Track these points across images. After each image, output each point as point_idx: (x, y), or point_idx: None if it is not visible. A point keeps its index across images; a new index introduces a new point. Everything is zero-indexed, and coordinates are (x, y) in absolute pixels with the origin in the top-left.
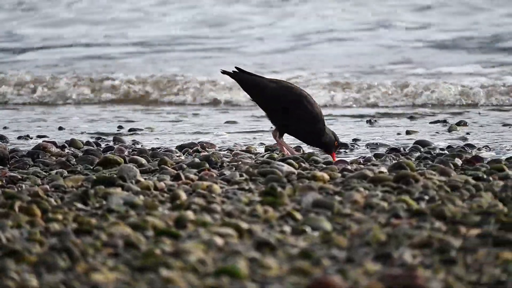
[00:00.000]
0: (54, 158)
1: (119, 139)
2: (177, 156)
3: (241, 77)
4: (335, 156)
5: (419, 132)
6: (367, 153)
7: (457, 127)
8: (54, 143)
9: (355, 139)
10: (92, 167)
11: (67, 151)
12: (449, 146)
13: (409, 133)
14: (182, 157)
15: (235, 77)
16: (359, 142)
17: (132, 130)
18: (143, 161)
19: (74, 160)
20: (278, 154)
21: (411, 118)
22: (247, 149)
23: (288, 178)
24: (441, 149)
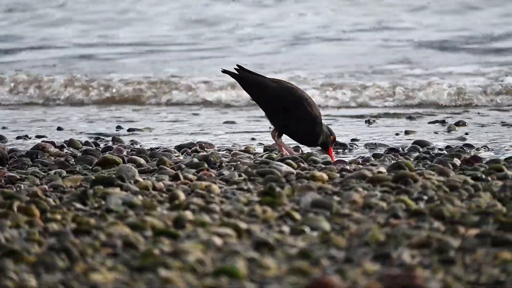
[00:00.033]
0: (53, 158)
1: (118, 139)
2: (176, 156)
3: (243, 75)
4: (334, 156)
5: (418, 132)
6: (366, 153)
7: (456, 127)
8: (53, 143)
9: (353, 139)
10: (91, 167)
11: (66, 151)
12: (448, 146)
13: (407, 133)
14: (181, 157)
15: (237, 75)
16: (358, 142)
17: (131, 130)
18: (142, 161)
19: (73, 160)
20: (277, 154)
21: (409, 118)
22: (246, 149)
23: (287, 178)
24: (440, 149)
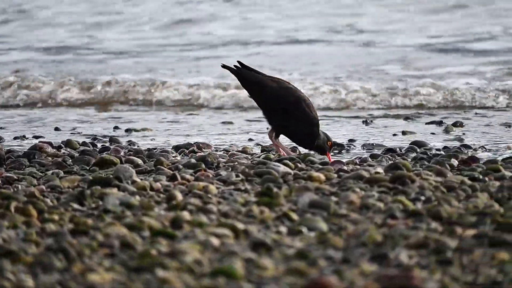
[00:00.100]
0: (50, 158)
1: (115, 139)
2: (173, 156)
3: (242, 72)
4: (331, 157)
5: (415, 133)
6: (363, 153)
7: (453, 128)
8: (50, 143)
9: (351, 140)
10: (88, 168)
11: (63, 151)
12: (445, 146)
13: (405, 133)
14: (178, 157)
15: (236, 72)
16: (355, 142)
17: (128, 131)
18: (139, 161)
19: (70, 160)
20: (274, 154)
21: (407, 119)
22: (243, 150)
23: (284, 179)
24: (437, 149)
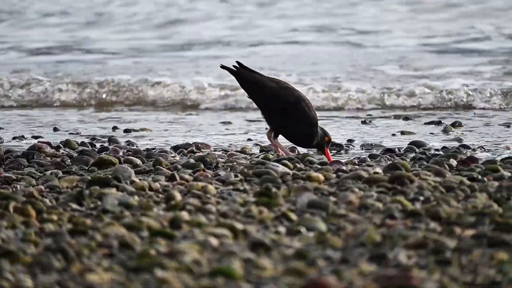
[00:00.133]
0: (49, 158)
1: (114, 139)
2: (172, 156)
3: (241, 72)
4: (330, 156)
5: (414, 133)
6: (362, 153)
7: (452, 128)
8: (49, 143)
9: (350, 140)
10: (87, 168)
11: (62, 151)
12: (444, 146)
13: (404, 133)
14: (177, 157)
15: (235, 72)
16: (354, 142)
17: (127, 131)
18: (138, 161)
19: (69, 160)
20: (273, 154)
21: (406, 119)
22: (242, 150)
23: (283, 179)
24: (436, 149)
